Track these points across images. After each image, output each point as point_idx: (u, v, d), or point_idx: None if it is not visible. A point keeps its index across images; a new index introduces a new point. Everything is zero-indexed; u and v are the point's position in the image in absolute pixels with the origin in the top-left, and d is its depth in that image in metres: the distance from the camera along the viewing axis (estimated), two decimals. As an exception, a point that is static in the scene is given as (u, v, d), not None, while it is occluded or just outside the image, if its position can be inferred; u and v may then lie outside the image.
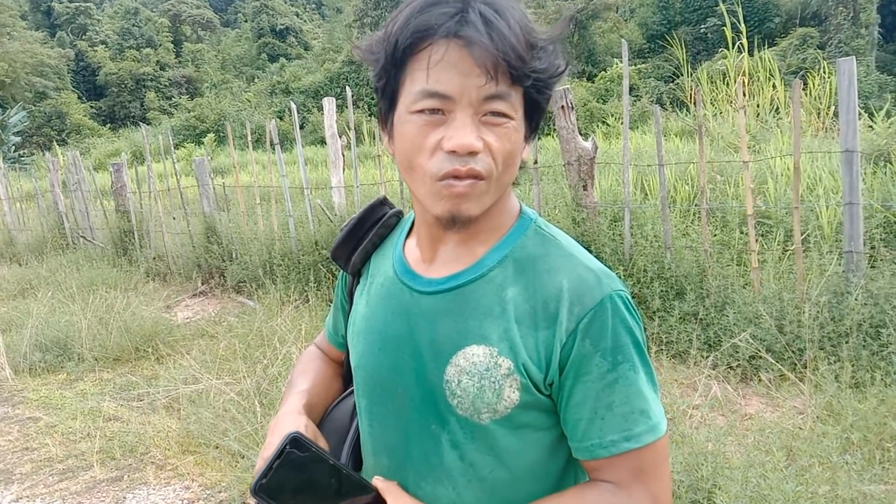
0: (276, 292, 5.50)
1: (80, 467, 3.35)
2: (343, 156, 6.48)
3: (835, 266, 3.73)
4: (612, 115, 16.19)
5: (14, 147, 29.50)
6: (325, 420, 1.10)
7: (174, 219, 7.62)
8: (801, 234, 3.86)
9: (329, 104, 6.35)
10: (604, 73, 22.29)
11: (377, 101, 0.88)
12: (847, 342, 3.31)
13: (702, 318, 3.84)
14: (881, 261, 3.72)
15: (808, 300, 3.50)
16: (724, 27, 12.13)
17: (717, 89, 10.81)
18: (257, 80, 38.60)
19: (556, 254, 0.88)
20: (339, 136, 6.46)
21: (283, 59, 41.92)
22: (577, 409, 0.83)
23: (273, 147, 6.38)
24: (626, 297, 0.85)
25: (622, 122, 4.63)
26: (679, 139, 10.09)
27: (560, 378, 0.83)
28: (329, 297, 5.30)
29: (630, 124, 7.77)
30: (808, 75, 10.14)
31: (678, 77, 19.12)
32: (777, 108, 10.01)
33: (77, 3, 49.07)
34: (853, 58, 3.60)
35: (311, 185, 6.21)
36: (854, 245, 3.55)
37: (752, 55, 10.92)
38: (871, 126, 7.15)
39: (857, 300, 3.37)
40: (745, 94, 9.01)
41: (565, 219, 4.70)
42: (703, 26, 25.48)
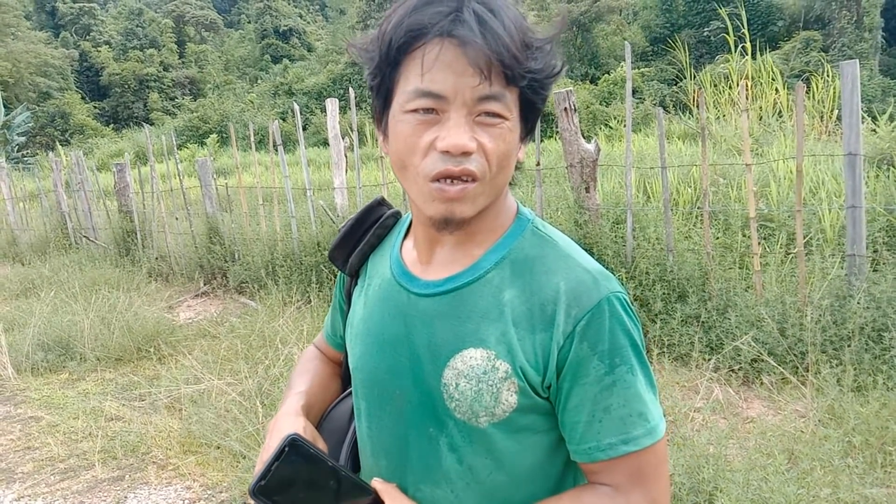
0: (278, 293, 5.51)
1: (82, 467, 3.35)
2: (346, 157, 6.49)
3: (837, 269, 3.73)
4: (615, 118, 16.20)
5: (18, 147, 29.60)
6: (323, 421, 1.10)
7: (177, 219, 7.63)
8: (804, 238, 3.86)
9: (332, 105, 6.36)
10: (607, 75, 22.32)
11: (372, 101, 0.87)
12: (849, 345, 3.30)
13: (704, 321, 3.84)
14: (884, 264, 3.72)
15: (811, 303, 3.49)
16: (727, 31, 12.14)
17: (720, 92, 10.82)
18: (260, 81, 38.72)
19: (554, 255, 0.87)
20: (342, 138, 6.48)
21: (286, 61, 41.98)
22: (575, 412, 0.83)
23: (276, 148, 6.39)
24: (624, 299, 0.84)
25: (625, 125, 4.63)
26: (682, 142, 10.09)
27: (557, 381, 0.83)
28: (331, 298, 5.30)
29: (633, 127, 7.77)
30: (812, 79, 10.14)
31: (681, 80, 19.12)
32: (780, 111, 10.01)
33: (81, 4, 49.24)
34: (856, 61, 3.60)
35: (313, 186, 6.22)
36: (856, 248, 3.55)
37: (755, 58, 10.92)
38: (874, 129, 7.14)
39: (859, 304, 3.36)
40: (748, 98, 9.01)
41: (567, 221, 4.70)
42: (706, 29, 25.50)
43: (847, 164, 3.57)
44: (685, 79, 16.03)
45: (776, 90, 10.22)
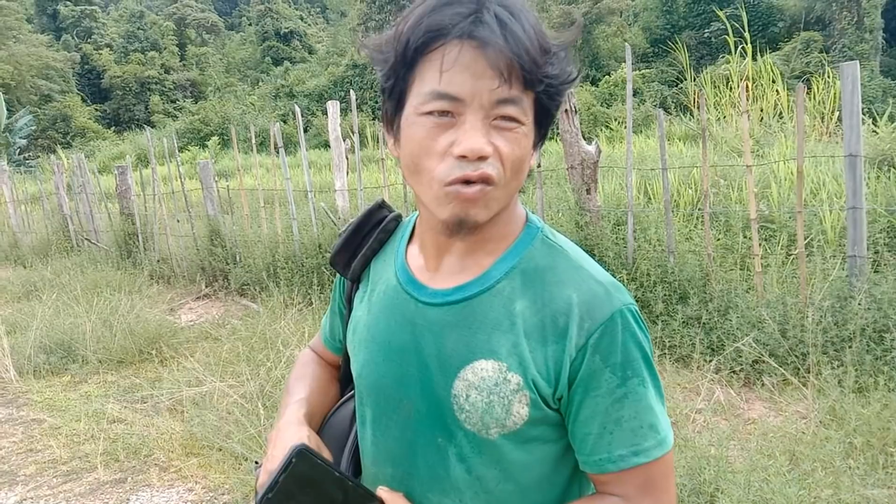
0: (279, 295, 5.51)
1: (84, 469, 3.36)
2: (347, 159, 6.50)
3: (838, 270, 3.73)
4: (616, 119, 16.21)
5: (19, 150, 29.66)
6: (324, 427, 1.08)
7: (178, 222, 7.64)
8: (805, 239, 3.86)
9: (333, 107, 6.37)
10: (607, 77, 22.34)
11: (383, 103, 0.85)
12: (850, 347, 3.30)
13: (705, 323, 3.84)
14: (885, 265, 3.72)
15: (812, 305, 3.49)
16: (728, 32, 12.14)
17: (721, 93, 10.83)
18: (261, 83, 38.75)
19: (565, 265, 0.86)
20: (343, 140, 6.49)
21: (287, 63, 42.01)
22: (586, 424, 0.83)
23: (277, 150, 6.40)
24: (636, 311, 0.84)
25: (626, 126, 4.64)
26: (682, 143, 10.09)
27: (569, 392, 0.82)
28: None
29: (633, 128, 7.78)
30: (812, 80, 10.15)
31: (682, 81, 19.13)
32: (780, 112, 10.02)
33: (82, 7, 49.28)
34: (857, 62, 3.61)
35: (314, 189, 6.23)
36: (857, 249, 3.55)
37: (755, 59, 10.93)
38: (875, 130, 7.16)
39: (860, 305, 3.36)
40: (748, 99, 9.01)
41: (568, 222, 4.71)
42: (706, 31, 25.49)
43: (848, 165, 3.57)
44: (686, 80, 16.05)
45: (777, 91, 10.24)
